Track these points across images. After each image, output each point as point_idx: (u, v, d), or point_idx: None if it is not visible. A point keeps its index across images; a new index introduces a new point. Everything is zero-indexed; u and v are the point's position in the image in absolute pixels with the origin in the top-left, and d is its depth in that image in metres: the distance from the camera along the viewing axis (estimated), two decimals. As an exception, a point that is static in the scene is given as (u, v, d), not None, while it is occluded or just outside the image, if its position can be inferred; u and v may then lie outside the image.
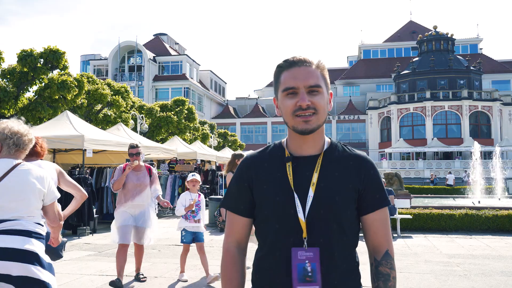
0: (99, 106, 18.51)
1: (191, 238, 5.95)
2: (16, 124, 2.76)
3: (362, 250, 1.58)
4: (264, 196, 1.54)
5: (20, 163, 2.69)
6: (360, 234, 1.60)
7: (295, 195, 1.49)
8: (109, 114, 18.81)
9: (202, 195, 6.20)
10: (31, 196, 2.62)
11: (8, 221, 2.52)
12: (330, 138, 1.63)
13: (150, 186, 5.84)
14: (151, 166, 6.00)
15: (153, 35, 58.90)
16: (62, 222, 2.89)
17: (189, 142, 23.77)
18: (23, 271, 2.43)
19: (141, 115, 20.79)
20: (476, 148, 25.44)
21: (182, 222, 5.96)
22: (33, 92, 15.02)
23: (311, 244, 1.47)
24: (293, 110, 1.49)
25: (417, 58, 51.65)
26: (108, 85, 19.65)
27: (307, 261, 1.45)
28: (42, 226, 2.69)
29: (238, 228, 1.62)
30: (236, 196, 1.62)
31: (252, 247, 4.08)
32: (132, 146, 5.87)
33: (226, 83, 66.70)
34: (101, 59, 54.38)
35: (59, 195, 2.85)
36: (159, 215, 14.42)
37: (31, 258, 2.48)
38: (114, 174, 5.82)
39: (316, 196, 1.49)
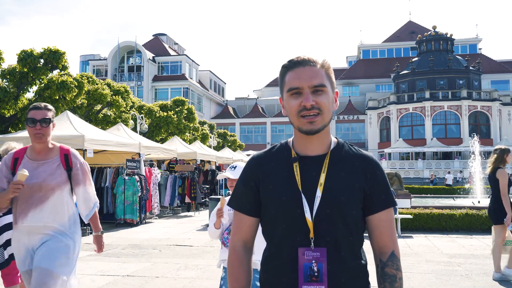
0: (99, 106, 18.50)
1: None
2: (20, 146, 3.75)
3: (369, 249, 1.58)
4: (270, 196, 1.54)
5: None
6: (365, 234, 1.60)
7: (303, 196, 1.50)
8: (109, 114, 18.81)
9: None
10: None
11: None
12: (336, 138, 1.63)
13: (74, 190, 3.02)
14: (71, 149, 3.14)
15: (153, 35, 58.94)
16: None
17: (188, 142, 23.75)
18: None
19: (141, 115, 20.78)
20: (475, 146, 25.41)
21: (223, 253, 3.06)
22: (33, 92, 15.03)
23: (318, 244, 1.47)
24: (298, 110, 1.50)
25: (416, 58, 51.69)
26: (108, 85, 19.63)
27: (313, 261, 1.46)
28: None
29: (245, 227, 1.62)
30: (242, 196, 1.62)
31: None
32: (36, 107, 2.95)
33: (225, 83, 66.70)
34: (100, 59, 54.42)
35: None
36: (159, 215, 14.22)
37: None
38: None
39: (323, 196, 1.49)
